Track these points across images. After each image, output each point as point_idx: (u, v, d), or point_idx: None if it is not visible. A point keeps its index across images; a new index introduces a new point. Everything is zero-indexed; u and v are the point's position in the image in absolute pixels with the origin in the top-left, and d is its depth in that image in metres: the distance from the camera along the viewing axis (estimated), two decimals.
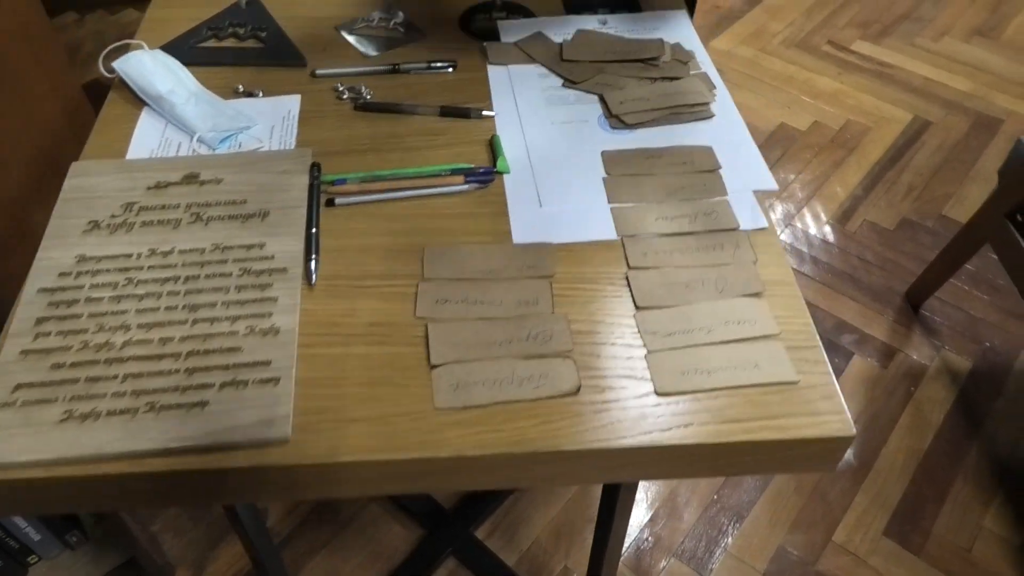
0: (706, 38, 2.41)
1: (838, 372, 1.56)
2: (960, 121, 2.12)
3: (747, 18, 2.49)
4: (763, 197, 0.74)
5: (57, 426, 0.56)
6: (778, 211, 1.88)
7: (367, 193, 0.72)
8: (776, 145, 2.05)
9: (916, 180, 1.96)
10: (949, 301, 1.69)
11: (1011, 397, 1.53)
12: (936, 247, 1.76)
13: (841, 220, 1.86)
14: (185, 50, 0.88)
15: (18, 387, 0.58)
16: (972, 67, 2.30)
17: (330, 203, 0.72)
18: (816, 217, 1.87)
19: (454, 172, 0.74)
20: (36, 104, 1.16)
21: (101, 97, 0.84)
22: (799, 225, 1.85)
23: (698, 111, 0.81)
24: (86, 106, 1.25)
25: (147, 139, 0.78)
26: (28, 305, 0.63)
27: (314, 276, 0.65)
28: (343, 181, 0.73)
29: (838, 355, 1.59)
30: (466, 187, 0.73)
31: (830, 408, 0.59)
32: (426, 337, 0.62)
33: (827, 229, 1.84)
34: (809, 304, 1.67)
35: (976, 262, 1.73)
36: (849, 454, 1.43)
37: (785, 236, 1.82)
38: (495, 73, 0.86)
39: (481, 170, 0.74)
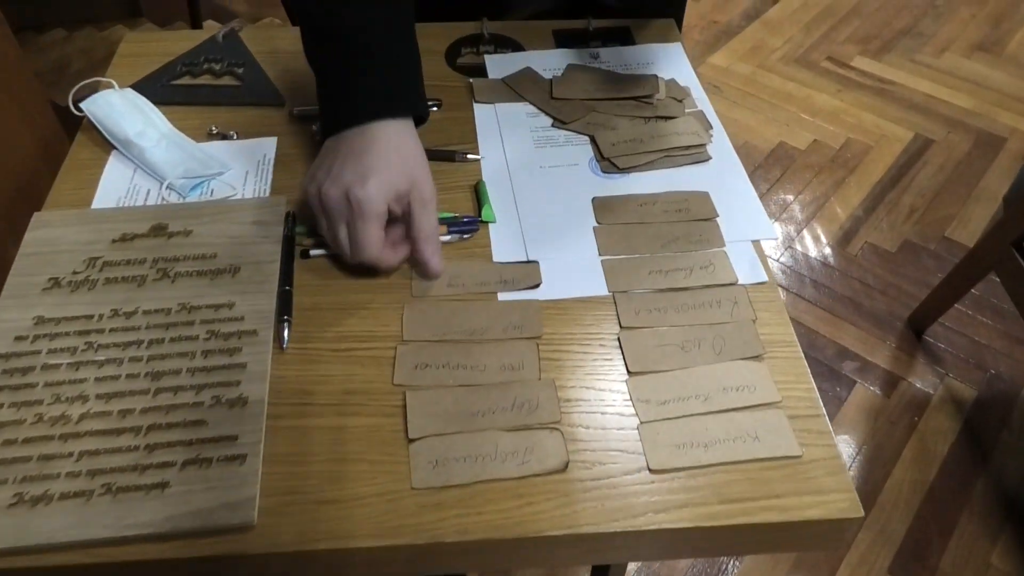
0: (704, 54, 2.37)
1: (840, 401, 1.52)
2: (962, 139, 2.09)
3: (745, 33, 2.46)
4: (761, 246, 0.70)
5: (6, 511, 0.52)
6: (778, 233, 1.85)
7: None
8: (775, 164, 2.02)
9: (918, 201, 1.92)
10: (953, 327, 1.66)
11: (1017, 427, 1.49)
12: (939, 270, 1.72)
13: (842, 243, 1.83)
14: (158, 88, 0.84)
15: None
16: (974, 83, 2.27)
17: (305, 255, 0.68)
18: (816, 239, 1.83)
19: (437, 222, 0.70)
20: (7, 136, 1.12)
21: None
22: (799, 248, 1.81)
23: (694, 153, 0.78)
24: (61, 136, 1.22)
25: (115, 186, 0.75)
26: None
27: (286, 340, 0.62)
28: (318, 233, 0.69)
29: (840, 384, 1.55)
30: (448, 238, 0.69)
31: (836, 486, 0.55)
32: (404, 407, 0.58)
33: (828, 252, 1.81)
34: (809, 330, 1.64)
35: (980, 286, 1.69)
36: None
37: (784, 259, 1.78)
38: (481, 112, 0.82)
39: (465, 219, 0.70)
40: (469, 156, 0.77)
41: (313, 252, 0.68)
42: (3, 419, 0.57)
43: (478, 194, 0.73)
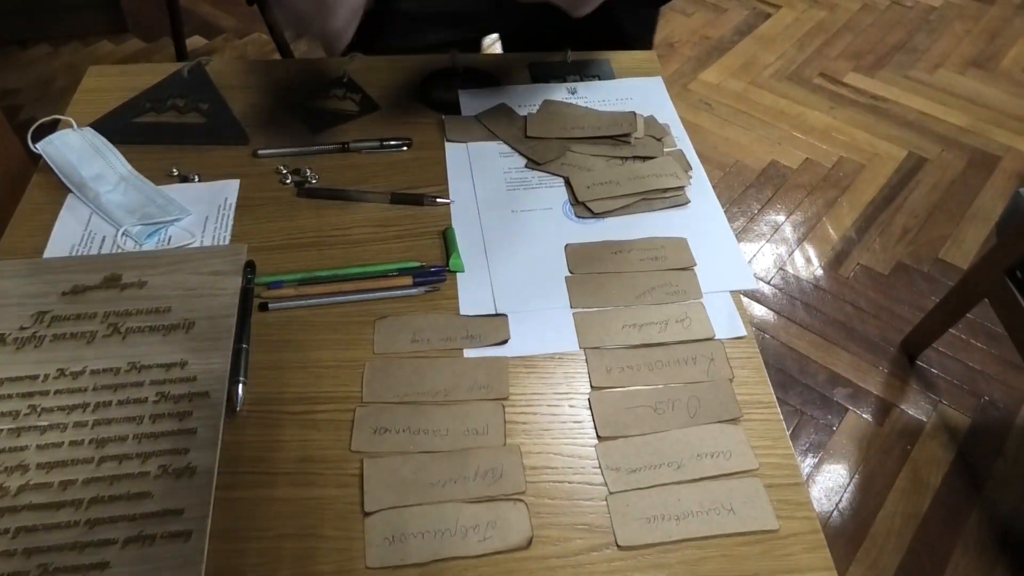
0: (695, 70, 2.35)
1: (831, 429, 1.49)
2: (956, 158, 2.07)
3: (737, 49, 2.44)
4: (740, 297, 0.67)
5: None
6: (768, 255, 1.82)
7: (305, 297, 0.66)
8: (767, 184, 1.99)
9: (911, 221, 1.90)
10: (946, 352, 1.63)
11: (1012, 457, 1.46)
12: (932, 293, 1.70)
13: (834, 265, 1.80)
14: (121, 126, 0.81)
15: None
16: (968, 100, 2.25)
17: (263, 307, 0.65)
18: (808, 261, 1.80)
19: (402, 272, 0.67)
20: None
21: None
22: (790, 270, 1.79)
23: (672, 197, 0.75)
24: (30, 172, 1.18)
25: (69, 232, 0.72)
26: None
27: (240, 402, 0.59)
28: (279, 284, 0.66)
29: (831, 411, 1.52)
30: (415, 291, 0.66)
31: (816, 563, 0.52)
32: (361, 476, 0.55)
33: (819, 274, 1.78)
34: (801, 355, 1.61)
35: (975, 310, 1.67)
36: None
37: (776, 281, 1.76)
38: (453, 151, 0.79)
39: (432, 269, 0.68)
40: (439, 200, 0.74)
41: (272, 306, 0.65)
42: None
43: (447, 241, 0.70)
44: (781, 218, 1.90)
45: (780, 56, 2.41)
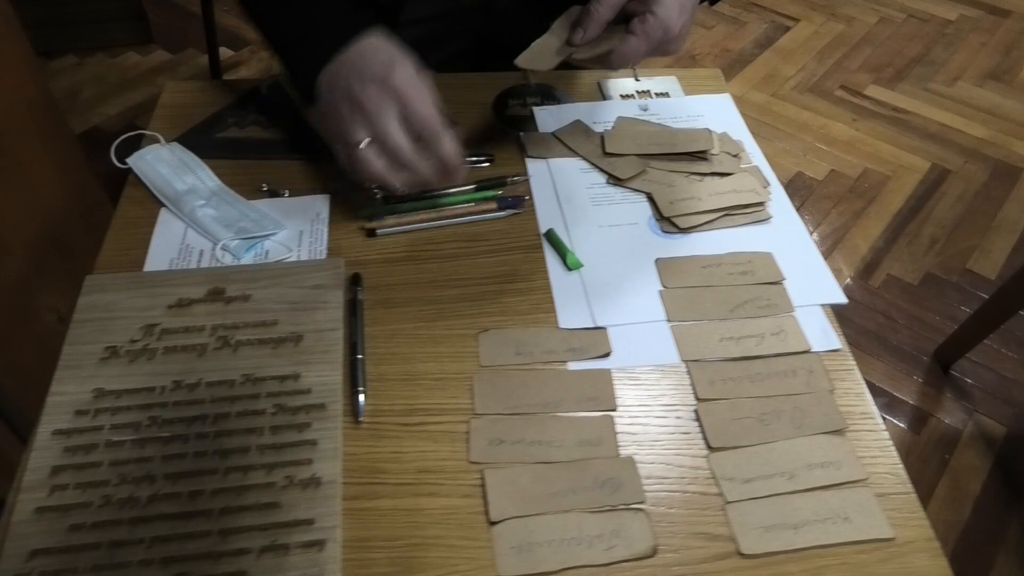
0: None
1: None
2: (979, 169, 2.09)
3: (758, 62, 2.47)
4: (831, 311, 0.69)
5: None
6: None
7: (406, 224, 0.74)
8: (794, 195, 2.01)
9: (938, 232, 1.92)
10: (979, 361, 1.65)
11: None
12: (963, 303, 1.72)
13: (864, 275, 1.82)
14: (205, 141, 0.83)
15: (34, 554, 0.52)
16: (987, 112, 2.27)
17: (371, 234, 0.73)
18: (838, 272, 1.82)
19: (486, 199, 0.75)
20: (40, 184, 1.10)
21: (101, 147, 0.79)
22: None
23: (753, 212, 0.76)
24: (94, 185, 1.20)
25: (166, 246, 0.73)
26: (42, 451, 0.58)
27: (361, 413, 0.60)
28: (381, 216, 0.74)
29: None
30: (502, 213, 0.75)
31: (936, 571, 0.53)
32: (482, 486, 0.56)
33: (850, 284, 1.80)
34: None
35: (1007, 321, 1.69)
36: None
37: None
38: (534, 167, 0.81)
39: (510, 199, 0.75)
40: (516, 179, 0.79)
41: (380, 231, 0.73)
42: (69, 501, 0.55)
43: (553, 243, 0.72)
44: (810, 229, 1.92)
45: (801, 69, 2.43)
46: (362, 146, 0.66)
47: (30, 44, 1.11)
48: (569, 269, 0.70)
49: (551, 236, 0.73)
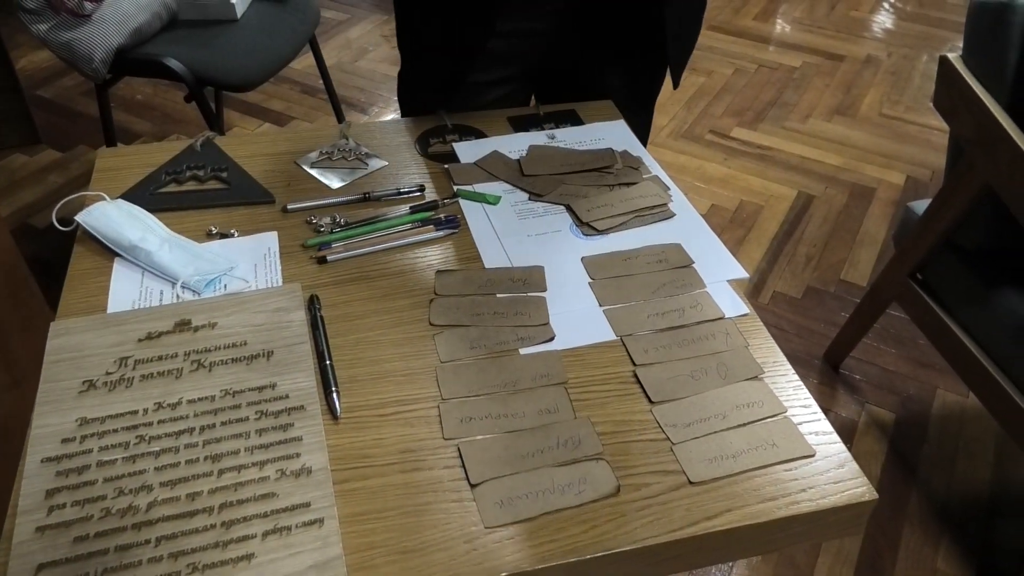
0: None
1: None
2: (839, 193, 2.32)
3: None
4: (736, 285, 0.80)
5: None
6: None
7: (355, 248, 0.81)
8: None
9: (812, 250, 2.11)
10: (863, 358, 1.82)
11: (934, 441, 1.64)
12: (842, 309, 1.89)
13: (753, 294, 1.98)
14: (147, 197, 0.87)
15: (41, 568, 0.55)
16: (839, 143, 2.53)
17: (322, 261, 0.79)
18: None
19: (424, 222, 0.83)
20: None
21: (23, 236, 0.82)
22: None
23: (659, 212, 0.87)
24: (17, 260, 1.20)
25: (126, 290, 0.77)
26: (33, 478, 0.60)
27: (339, 410, 0.65)
28: (328, 245, 0.81)
29: None
30: (440, 233, 0.84)
31: (848, 475, 0.63)
32: (460, 457, 0.63)
33: None
34: None
35: (881, 320, 1.87)
36: None
37: None
38: (463, 193, 0.89)
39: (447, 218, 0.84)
40: (446, 201, 0.88)
41: (331, 257, 0.80)
42: (69, 518, 0.57)
43: (473, 198, 0.85)
44: None
45: (673, 118, 2.65)
46: None
47: None
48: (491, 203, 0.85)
49: (469, 195, 0.86)
